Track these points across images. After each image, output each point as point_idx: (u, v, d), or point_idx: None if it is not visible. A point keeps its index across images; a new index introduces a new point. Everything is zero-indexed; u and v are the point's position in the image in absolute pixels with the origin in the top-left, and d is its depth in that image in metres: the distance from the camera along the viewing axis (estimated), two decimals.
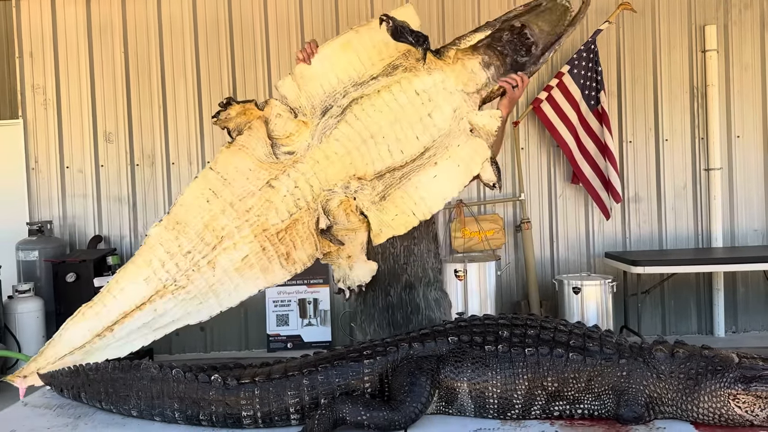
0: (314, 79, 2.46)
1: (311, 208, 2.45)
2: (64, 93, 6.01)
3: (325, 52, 2.46)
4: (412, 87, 2.47)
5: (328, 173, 2.45)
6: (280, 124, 2.42)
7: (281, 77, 6.05)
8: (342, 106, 2.45)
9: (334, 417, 1.90)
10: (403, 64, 2.47)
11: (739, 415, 1.83)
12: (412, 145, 2.47)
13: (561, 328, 2.06)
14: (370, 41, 2.45)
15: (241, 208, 2.40)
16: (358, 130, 2.45)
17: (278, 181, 2.42)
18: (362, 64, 2.46)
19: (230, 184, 2.41)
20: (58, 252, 5.67)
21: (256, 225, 2.41)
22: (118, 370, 2.14)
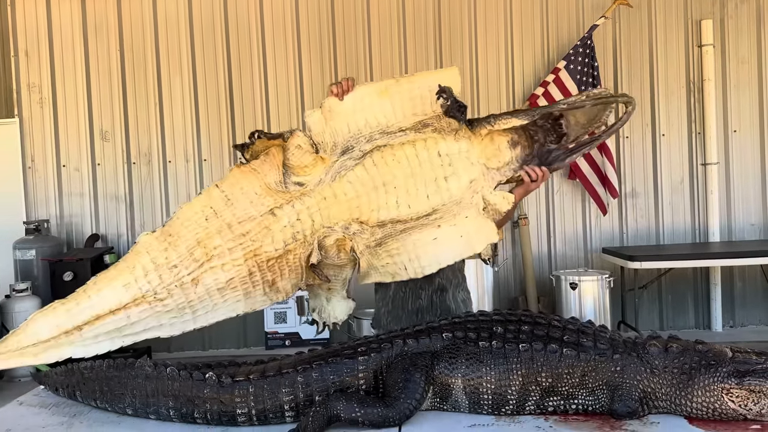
0: (342, 117, 2.42)
1: (307, 241, 2.43)
2: (59, 91, 6.00)
3: (360, 92, 2.42)
4: (437, 148, 2.45)
5: (332, 211, 2.44)
6: (298, 155, 2.37)
7: (277, 75, 6.02)
8: (364, 151, 2.43)
9: (329, 414, 1.90)
10: (434, 124, 2.45)
11: (733, 409, 1.84)
12: (420, 203, 2.45)
13: (555, 323, 2.06)
14: (408, 93, 2.43)
15: (238, 231, 2.38)
16: (372, 176, 2.43)
17: (282, 210, 2.40)
18: (394, 114, 2.44)
19: (233, 205, 2.39)
20: (55, 251, 5.67)
21: (249, 250, 2.39)
22: (113, 369, 2.15)
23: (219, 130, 5.91)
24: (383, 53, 5.86)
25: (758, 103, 5.87)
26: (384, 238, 2.49)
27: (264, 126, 5.86)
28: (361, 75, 5.83)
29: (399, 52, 5.86)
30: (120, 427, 2.06)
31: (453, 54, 5.83)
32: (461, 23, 5.85)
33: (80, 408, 2.22)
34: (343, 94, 2.40)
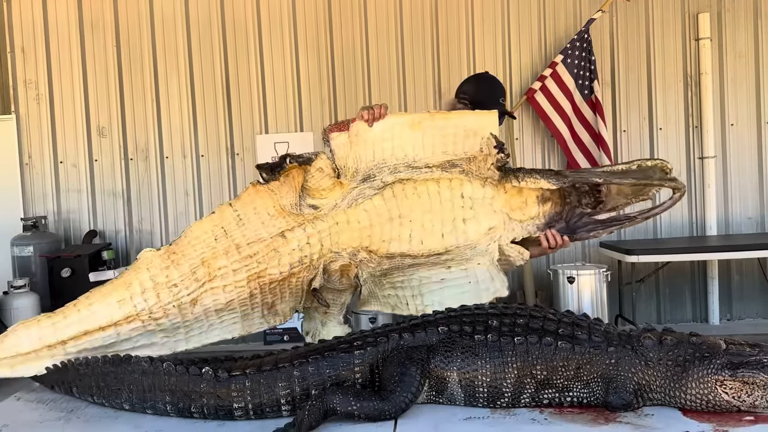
0: (369, 143, 2.35)
1: (313, 265, 2.40)
2: (56, 88, 5.99)
3: (391, 121, 2.35)
4: (461, 189, 2.39)
5: (342, 237, 2.40)
6: (318, 178, 2.32)
7: (274, 71, 6.00)
8: (385, 182, 2.37)
9: (325, 408, 1.91)
10: (463, 165, 2.39)
11: (726, 401, 1.85)
12: (434, 241, 2.40)
13: (550, 317, 2.07)
14: (442, 130, 2.36)
15: (245, 252, 2.34)
16: (389, 207, 2.39)
17: (293, 233, 2.36)
18: (423, 149, 2.36)
19: (244, 225, 2.35)
20: (53, 247, 5.66)
21: (254, 272, 2.36)
22: (109, 364, 2.15)
23: (216, 126, 5.90)
24: (380, 49, 5.85)
25: (755, 96, 5.87)
26: (390, 269, 2.46)
27: (261, 122, 5.86)
28: (357, 70, 5.83)
29: (396, 47, 5.85)
30: (117, 422, 2.06)
31: (450, 48, 5.83)
32: (458, 17, 5.83)
33: (77, 403, 2.23)
34: (373, 121, 2.33)
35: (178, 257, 2.31)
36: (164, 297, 2.30)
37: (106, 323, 2.27)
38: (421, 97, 5.86)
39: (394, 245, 2.42)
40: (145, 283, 2.29)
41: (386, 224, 2.40)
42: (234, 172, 5.90)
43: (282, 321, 2.51)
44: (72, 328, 2.27)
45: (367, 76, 5.86)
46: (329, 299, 2.48)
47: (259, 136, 5.87)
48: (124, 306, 2.28)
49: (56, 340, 2.26)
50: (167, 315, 2.31)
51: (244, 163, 5.90)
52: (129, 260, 5.93)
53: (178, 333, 2.37)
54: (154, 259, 2.31)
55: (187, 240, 2.33)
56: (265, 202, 2.37)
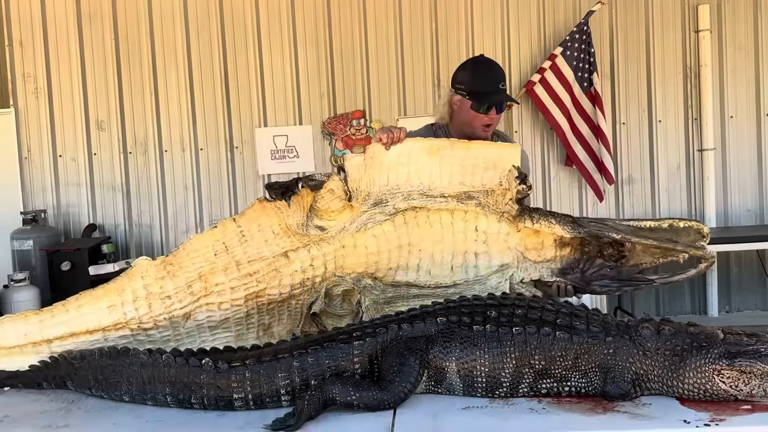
0: (384, 167, 2.26)
1: (315, 288, 2.34)
2: (55, 81, 5.97)
3: (408, 147, 2.27)
4: (476, 222, 2.31)
5: (348, 261, 2.34)
6: (328, 199, 2.24)
7: (272, 62, 5.99)
8: (397, 209, 2.29)
9: (325, 397, 1.92)
10: (480, 198, 2.29)
11: (724, 390, 1.85)
12: (442, 273, 2.35)
13: (548, 307, 2.08)
14: (461, 160, 2.26)
15: (245, 271, 2.28)
16: (399, 234, 2.32)
17: (296, 253, 2.30)
18: (440, 178, 2.27)
19: (246, 242, 2.27)
20: (53, 241, 5.66)
21: (252, 291, 2.30)
22: (107, 357, 2.15)
23: (215, 119, 5.89)
24: (379, 42, 5.83)
25: (755, 88, 5.86)
26: (395, 298, 2.40)
27: (260, 115, 5.85)
28: (356, 64, 5.82)
29: (395, 40, 5.84)
30: (118, 412, 2.07)
31: (449, 41, 5.81)
32: (457, 10, 5.82)
33: (77, 394, 2.23)
34: (390, 144, 2.26)
35: (174, 269, 2.25)
36: (156, 308, 2.25)
37: (93, 327, 2.23)
38: (420, 90, 5.85)
39: (401, 274, 2.37)
40: (138, 291, 2.24)
41: (394, 251, 2.35)
42: (233, 165, 5.90)
43: None
44: (59, 328, 2.23)
45: (366, 70, 5.84)
46: (328, 324, 2.40)
47: (258, 130, 5.86)
48: (114, 312, 2.23)
49: (42, 338, 2.23)
50: (157, 327, 2.27)
51: (243, 156, 5.89)
52: (129, 254, 5.94)
53: (167, 347, 2.28)
54: (149, 268, 2.25)
55: (185, 252, 2.26)
56: (270, 220, 2.28)
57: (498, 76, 2.80)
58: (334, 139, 5.84)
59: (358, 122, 5.84)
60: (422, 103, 5.85)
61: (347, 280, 2.37)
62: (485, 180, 2.27)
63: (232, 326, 2.36)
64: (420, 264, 2.37)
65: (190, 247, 2.27)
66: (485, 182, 2.27)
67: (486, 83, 2.75)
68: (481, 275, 2.37)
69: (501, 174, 2.25)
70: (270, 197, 2.28)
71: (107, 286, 2.27)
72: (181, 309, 2.27)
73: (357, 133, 5.84)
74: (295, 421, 1.85)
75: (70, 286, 5.25)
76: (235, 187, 5.91)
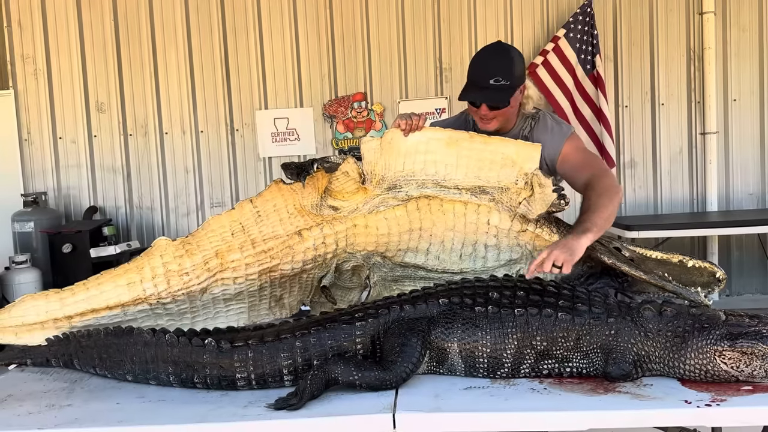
0: (401, 153, 2.24)
1: (326, 264, 2.41)
2: (54, 62, 5.94)
3: (427, 135, 2.24)
4: (488, 216, 2.31)
5: (359, 240, 2.38)
6: (343, 181, 2.24)
7: (273, 44, 5.94)
8: (411, 196, 2.29)
9: (327, 377, 1.93)
10: (495, 194, 2.27)
11: (725, 371, 1.86)
12: (451, 259, 2.38)
13: (550, 289, 2.08)
14: (478, 154, 2.23)
15: (260, 248, 2.35)
16: (410, 219, 2.34)
17: (310, 232, 2.36)
18: (456, 169, 2.24)
19: (262, 221, 2.33)
20: (54, 223, 5.67)
21: (266, 266, 2.37)
22: (111, 336, 2.16)
23: (215, 101, 5.87)
24: (380, 24, 5.79)
25: (758, 71, 5.82)
26: (402, 277, 2.46)
27: (260, 98, 5.82)
28: (357, 46, 5.78)
29: (396, 22, 5.79)
30: (121, 392, 2.08)
31: (452, 23, 5.77)
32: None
33: (81, 374, 2.25)
34: (409, 131, 2.22)
35: (192, 247, 2.32)
36: (174, 284, 2.31)
37: (114, 303, 2.30)
38: (422, 72, 5.82)
39: (410, 256, 2.41)
40: (157, 269, 2.30)
41: (405, 234, 2.38)
42: (234, 147, 5.89)
43: (288, 314, 2.52)
44: (80, 304, 2.28)
45: (368, 52, 5.81)
46: (337, 296, 2.48)
47: (259, 112, 5.84)
48: (133, 289, 2.29)
49: (63, 315, 2.29)
50: (175, 301, 2.34)
51: (244, 139, 5.88)
52: (129, 236, 5.95)
53: (184, 318, 2.39)
54: (168, 248, 2.31)
55: (204, 232, 2.32)
56: (285, 201, 2.33)
57: (491, 69, 2.42)
58: (335, 122, 5.81)
59: (360, 105, 5.81)
60: (423, 85, 5.82)
61: (357, 257, 2.42)
62: (501, 177, 2.24)
63: (245, 298, 2.43)
64: (430, 248, 2.40)
65: (208, 227, 2.33)
66: (501, 179, 2.25)
67: (475, 75, 2.47)
68: (488, 266, 2.39)
69: (518, 172, 2.22)
70: (287, 178, 2.33)
71: (126, 265, 2.33)
72: (199, 285, 2.34)
73: (358, 116, 5.82)
74: (298, 400, 1.86)
75: (72, 268, 5.28)
76: (235, 169, 5.90)
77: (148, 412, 1.90)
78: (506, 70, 2.40)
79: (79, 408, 1.96)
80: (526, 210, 2.25)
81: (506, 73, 2.40)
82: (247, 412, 1.85)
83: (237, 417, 1.82)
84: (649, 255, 2.30)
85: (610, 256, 2.25)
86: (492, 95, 2.41)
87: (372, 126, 5.83)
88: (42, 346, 2.31)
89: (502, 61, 2.43)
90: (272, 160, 5.86)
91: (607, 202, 2.25)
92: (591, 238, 2.14)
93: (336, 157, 2.27)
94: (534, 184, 2.20)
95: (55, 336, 2.29)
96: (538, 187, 2.19)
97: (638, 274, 2.22)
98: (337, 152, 5.76)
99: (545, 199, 2.19)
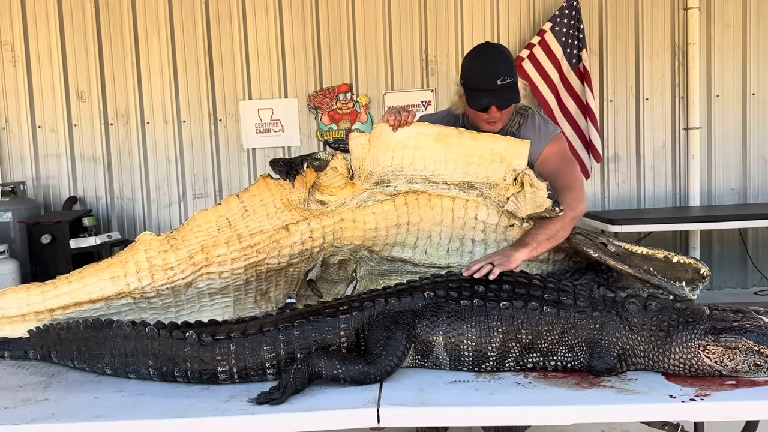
0: (389, 148, 2.23)
1: (312, 258, 2.40)
2: (33, 49, 5.81)
3: (416, 130, 2.23)
4: (476, 212, 2.32)
5: (346, 234, 2.37)
6: (331, 176, 2.24)
7: (257, 33, 5.87)
8: (399, 191, 2.29)
9: (310, 371, 1.91)
10: (483, 190, 2.28)
11: (709, 365, 1.87)
12: (438, 254, 2.38)
13: (536, 282, 2.07)
14: (467, 149, 2.23)
15: (246, 243, 2.32)
16: (398, 214, 2.34)
17: (297, 226, 2.33)
18: (445, 165, 2.24)
19: (249, 216, 2.30)
20: (33, 213, 5.56)
21: (252, 261, 2.34)
22: (90, 329, 2.12)
23: (198, 90, 5.78)
24: (366, 15, 5.74)
25: (741, 68, 5.86)
26: (389, 271, 2.46)
27: (244, 87, 5.75)
28: (343, 37, 5.72)
29: (383, 13, 5.74)
30: (99, 386, 2.04)
31: (438, 13, 5.73)
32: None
33: (58, 368, 2.20)
34: (398, 126, 2.22)
35: (177, 242, 2.28)
36: (159, 278, 2.28)
37: (97, 297, 2.26)
38: (408, 64, 5.78)
39: (397, 250, 2.41)
40: (141, 263, 2.27)
41: (392, 229, 2.37)
42: (217, 138, 5.81)
43: (274, 307, 2.51)
44: (62, 298, 2.25)
45: (353, 43, 5.75)
46: (323, 289, 2.48)
47: (243, 102, 5.77)
48: (117, 283, 2.26)
49: (45, 308, 2.25)
50: (160, 295, 2.31)
51: (228, 129, 5.80)
52: (110, 227, 5.86)
53: (168, 311, 2.37)
54: (152, 242, 2.27)
55: (189, 228, 2.29)
56: (273, 196, 2.31)
57: (496, 70, 2.40)
58: (320, 113, 5.76)
59: (345, 96, 5.76)
60: (409, 77, 5.78)
61: (344, 251, 2.41)
62: (490, 173, 2.25)
63: (231, 292, 2.41)
64: (417, 243, 2.40)
65: (193, 223, 2.29)
66: (490, 175, 2.25)
67: (480, 80, 2.42)
68: (477, 260, 2.36)
69: (507, 168, 2.23)
70: (275, 175, 2.30)
71: (110, 259, 2.29)
72: (183, 279, 2.31)
73: (343, 108, 5.77)
74: (280, 394, 1.83)
75: (51, 260, 5.19)
76: (218, 160, 5.83)
77: (126, 407, 1.87)
78: (508, 68, 2.41)
79: (55, 402, 1.92)
80: (514, 207, 2.25)
81: (509, 71, 2.41)
82: (228, 406, 1.83)
83: (218, 412, 1.79)
84: (634, 250, 2.32)
85: (596, 250, 2.26)
86: (505, 95, 2.41)
87: (357, 118, 5.78)
88: (21, 338, 2.27)
89: (502, 60, 2.44)
90: (256, 151, 5.80)
91: (556, 219, 2.26)
92: (527, 253, 2.20)
93: (324, 154, 2.26)
94: (525, 183, 2.20)
95: (36, 327, 2.24)
96: (529, 187, 2.19)
97: (624, 268, 2.23)
98: (323, 144, 5.72)
99: (536, 200, 2.18)
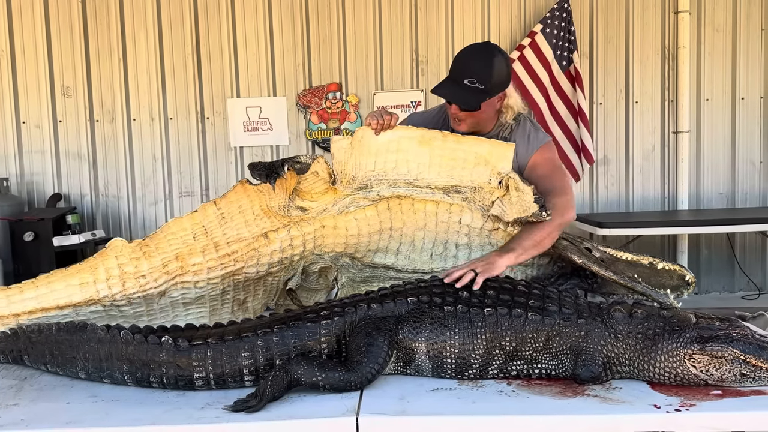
0: (372, 152, 2.19)
1: (292, 266, 2.33)
2: (18, 44, 5.73)
3: (399, 133, 2.19)
4: (460, 216, 2.28)
5: (327, 241, 2.31)
6: (312, 181, 2.18)
7: (246, 29, 5.81)
8: (382, 195, 2.24)
9: (289, 378, 1.86)
10: (467, 194, 2.24)
11: (694, 374, 1.84)
12: (421, 259, 2.34)
13: (520, 288, 2.04)
14: (451, 153, 2.19)
15: (224, 251, 2.25)
16: (381, 219, 2.29)
17: (276, 234, 2.27)
18: (429, 169, 2.20)
19: (226, 224, 2.22)
20: (16, 210, 5.48)
21: (230, 270, 2.27)
22: (64, 332, 2.07)
23: (185, 88, 5.72)
24: (357, 13, 5.69)
25: (731, 72, 5.87)
26: (371, 278, 2.41)
27: (232, 85, 5.69)
28: (333, 35, 5.68)
29: (373, 12, 5.70)
30: (72, 390, 1.99)
31: (428, 13, 5.70)
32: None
33: (31, 371, 2.15)
34: (380, 130, 2.17)
35: (150, 249, 2.21)
36: (130, 286, 2.20)
37: (64, 303, 2.18)
38: (398, 64, 5.74)
39: (380, 256, 2.36)
40: (112, 270, 2.19)
41: (375, 235, 2.32)
42: (204, 136, 5.75)
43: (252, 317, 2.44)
44: (28, 303, 2.18)
45: (343, 42, 5.71)
46: (303, 298, 2.42)
47: (231, 100, 5.71)
48: (86, 289, 2.18)
49: (9, 312, 2.18)
50: (131, 304, 2.24)
51: (215, 127, 5.74)
52: (95, 225, 5.79)
53: (140, 321, 2.29)
54: (124, 249, 2.20)
55: (163, 235, 2.21)
56: (251, 202, 2.24)
57: (468, 69, 2.32)
58: (309, 112, 5.71)
59: (334, 95, 5.72)
60: (399, 77, 5.74)
61: (325, 258, 2.36)
62: (474, 176, 2.21)
63: (207, 302, 2.34)
64: (400, 248, 2.35)
65: (167, 230, 2.22)
66: (474, 178, 2.21)
67: (453, 69, 2.39)
68: (459, 265, 2.34)
69: (491, 171, 2.19)
70: (254, 180, 2.22)
71: (79, 265, 2.21)
72: (156, 288, 2.24)
73: (333, 107, 5.72)
74: (258, 401, 1.79)
75: (34, 257, 5.11)
76: (206, 158, 5.77)
77: (99, 413, 1.82)
78: (483, 74, 2.30)
79: (26, 407, 1.86)
80: (500, 211, 2.21)
81: (483, 77, 2.30)
82: (203, 414, 1.78)
83: (193, 419, 1.75)
84: (619, 256, 2.29)
85: (581, 256, 2.23)
86: (462, 96, 2.32)
87: (347, 117, 5.74)
88: None
89: (481, 64, 2.33)
90: (244, 149, 5.74)
91: (543, 225, 2.22)
92: (512, 259, 2.17)
93: (306, 157, 2.19)
94: (510, 187, 2.17)
95: (2, 332, 2.18)
96: (515, 191, 2.16)
97: (608, 274, 2.20)
98: (311, 143, 5.67)
99: (522, 204, 2.15)
